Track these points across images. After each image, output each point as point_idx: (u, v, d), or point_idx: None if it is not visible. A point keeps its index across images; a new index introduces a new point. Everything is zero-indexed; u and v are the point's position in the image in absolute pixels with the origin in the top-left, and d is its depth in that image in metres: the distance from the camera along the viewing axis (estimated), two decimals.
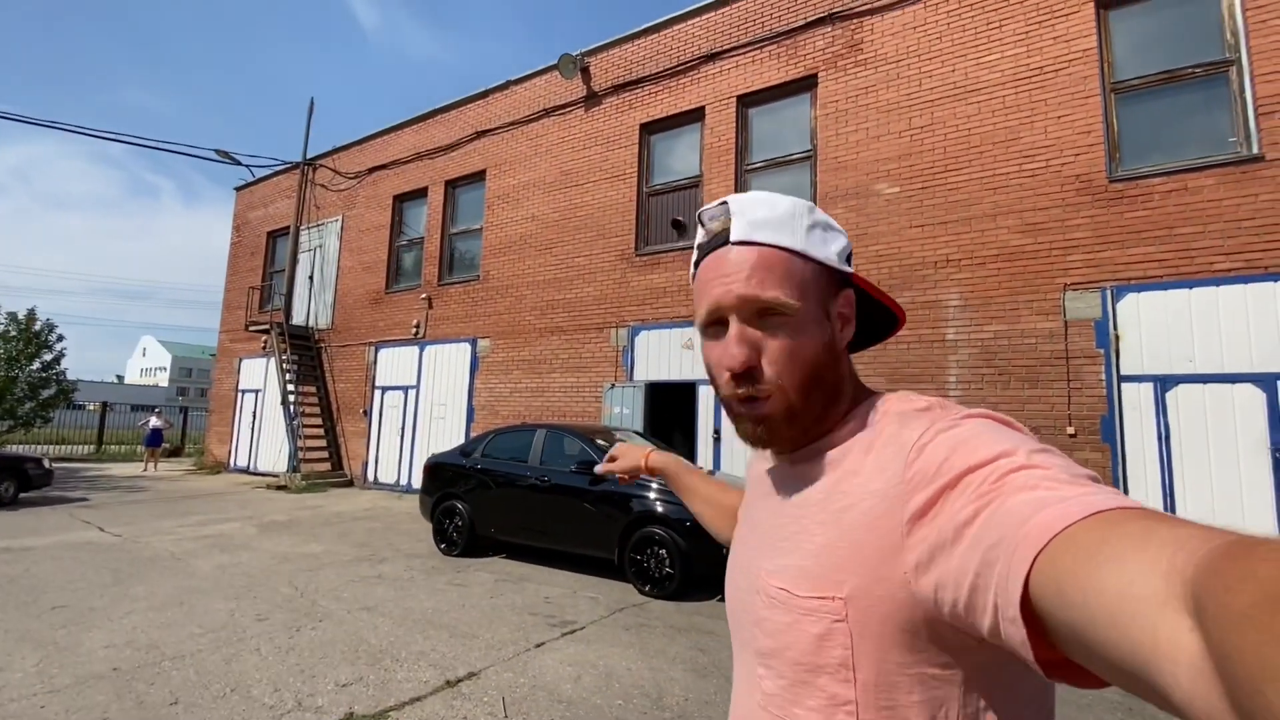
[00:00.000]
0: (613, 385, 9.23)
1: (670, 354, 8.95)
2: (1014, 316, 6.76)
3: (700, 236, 0.70)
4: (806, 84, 8.44)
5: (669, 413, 10.16)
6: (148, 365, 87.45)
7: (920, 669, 0.54)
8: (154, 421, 16.33)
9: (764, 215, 0.65)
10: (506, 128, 11.47)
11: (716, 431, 8.30)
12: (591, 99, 10.37)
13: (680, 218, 9.26)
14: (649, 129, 9.81)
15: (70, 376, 17.69)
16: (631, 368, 9.27)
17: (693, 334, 8.71)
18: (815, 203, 7.88)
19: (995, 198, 6.98)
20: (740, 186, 8.77)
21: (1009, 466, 0.48)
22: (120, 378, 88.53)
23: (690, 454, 8.44)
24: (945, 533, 0.49)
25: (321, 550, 6.72)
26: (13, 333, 16.02)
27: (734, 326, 0.63)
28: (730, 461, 8.15)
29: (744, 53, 8.90)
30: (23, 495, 9.62)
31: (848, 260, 0.68)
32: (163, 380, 79.63)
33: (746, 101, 8.93)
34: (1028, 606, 0.40)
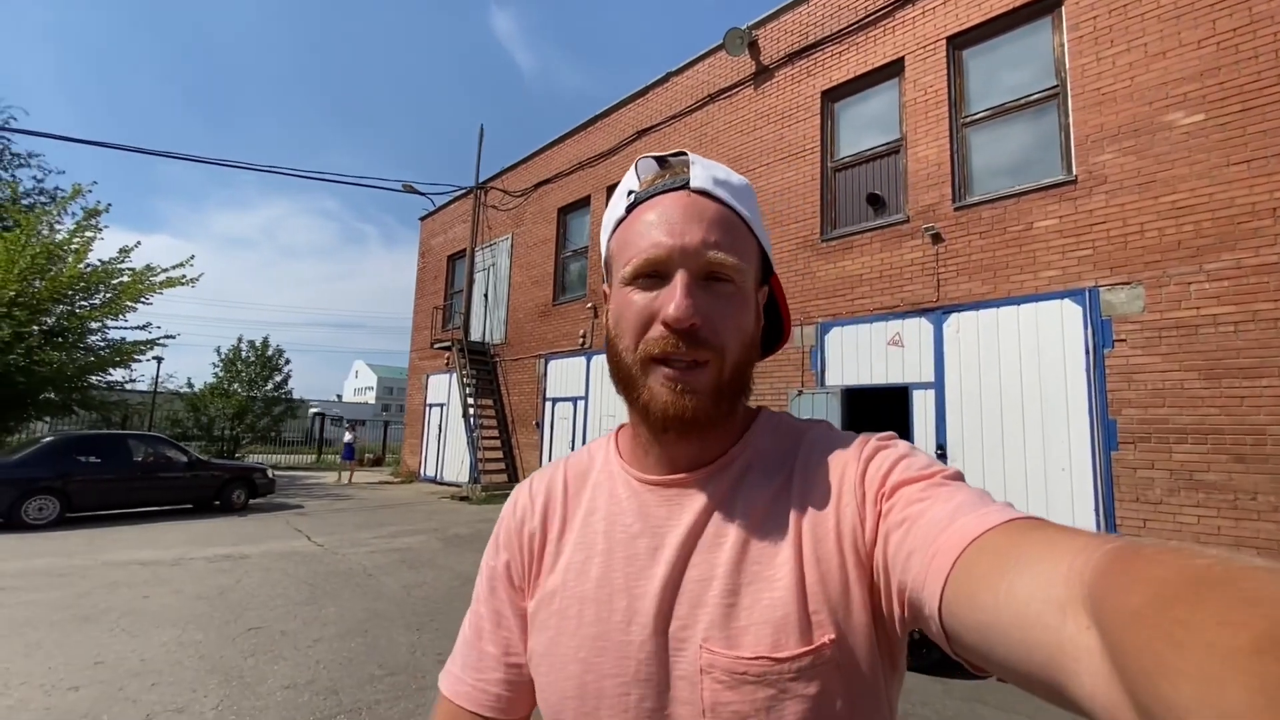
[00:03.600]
0: (800, 392, 8.01)
1: (872, 352, 7.53)
2: None
3: (633, 183, 0.60)
4: (1044, 5, 6.66)
5: (871, 423, 8.68)
6: (359, 385, 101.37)
7: (886, 686, 0.52)
8: (347, 436, 17.96)
9: (723, 176, 0.59)
10: (667, 122, 10.83)
11: (940, 447, 6.74)
12: (762, 74, 9.33)
13: (878, 191, 7.84)
14: (832, 96, 8.53)
15: (296, 396, 20.30)
16: (822, 371, 7.99)
17: (901, 325, 7.25)
18: (1074, 148, 6.12)
19: None
20: (957, 144, 7.17)
21: (934, 483, 0.49)
22: (339, 397, 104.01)
23: None
24: (882, 541, 0.49)
25: None
26: (251, 359, 18.71)
27: (683, 277, 0.54)
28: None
29: None
30: (252, 501, 10.72)
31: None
32: (370, 398, 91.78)
33: (958, 43, 7.31)
34: (941, 607, 0.40)
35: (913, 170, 7.45)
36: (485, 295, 15.22)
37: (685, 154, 0.60)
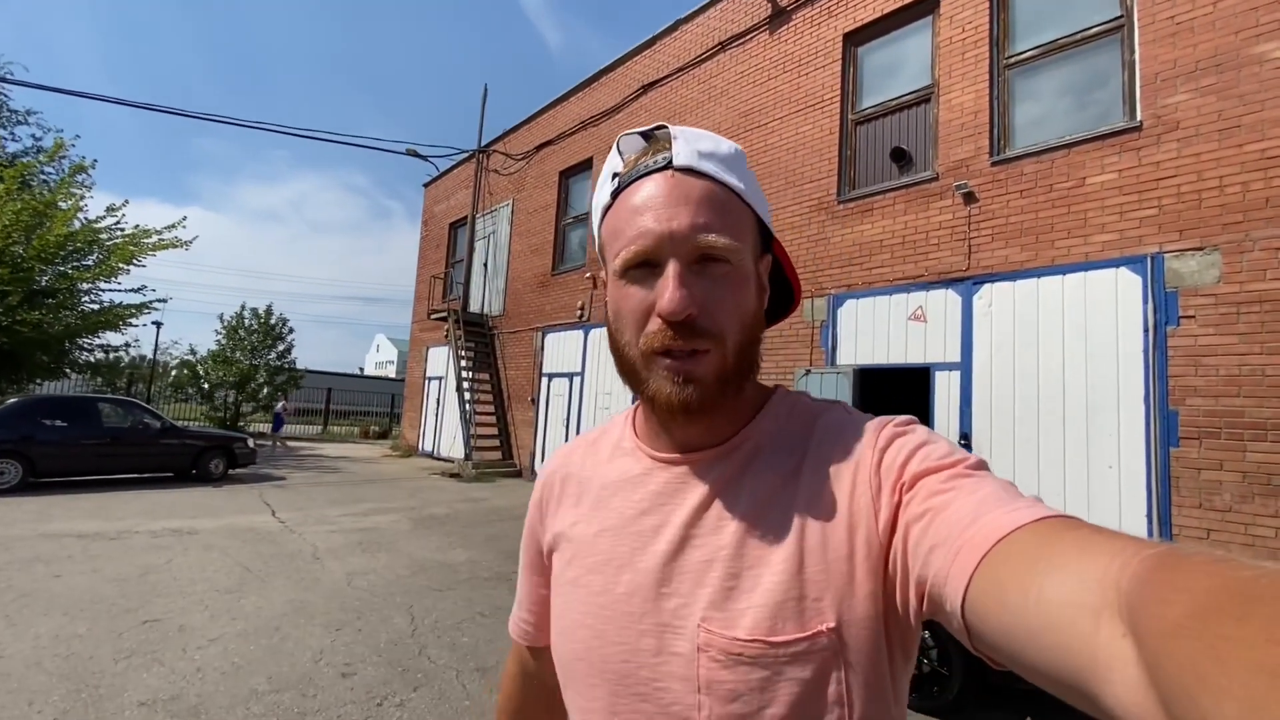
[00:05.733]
0: (808, 371, 7.20)
1: (890, 329, 6.68)
2: None
3: (616, 164, 0.58)
4: None
5: (886, 408, 7.82)
6: (380, 359, 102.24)
7: (893, 678, 0.51)
8: (277, 406, 17.57)
9: (709, 147, 0.55)
10: (675, 75, 9.92)
11: (964, 436, 5.90)
12: (778, 17, 8.36)
13: (904, 146, 6.91)
14: (855, 39, 7.56)
15: (314, 369, 20.07)
16: (834, 348, 7.15)
17: (925, 298, 6.38)
18: (1139, 88, 5.17)
19: None
20: (998, 90, 6.20)
21: (957, 473, 0.47)
22: (361, 370, 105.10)
23: None
24: (899, 534, 0.48)
25: (463, 560, 5.71)
26: (255, 326, 18.33)
27: (674, 266, 0.52)
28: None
29: None
30: (232, 471, 10.28)
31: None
32: (391, 372, 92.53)
33: None
34: (965, 605, 0.39)
35: (944, 121, 6.51)
36: (485, 264, 14.54)
37: (666, 127, 0.57)
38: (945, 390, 6.13)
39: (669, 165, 0.54)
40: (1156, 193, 5.08)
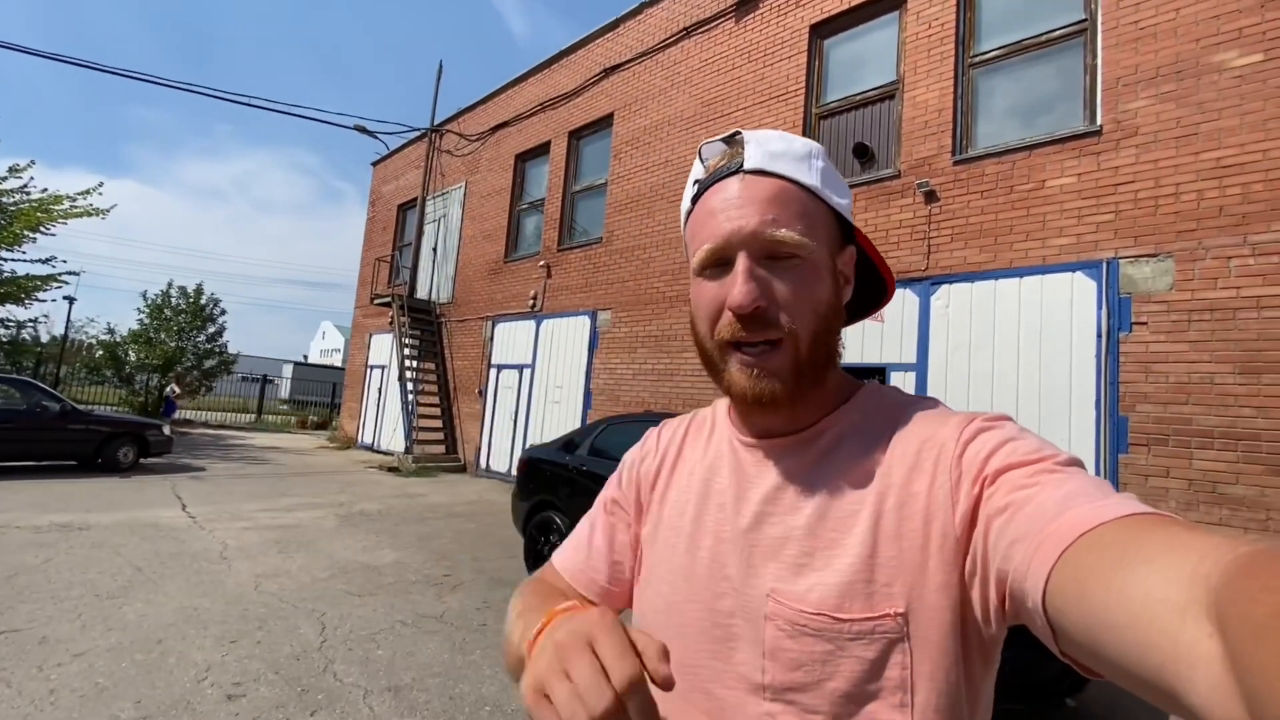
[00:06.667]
0: None
1: (849, 328, 6.53)
2: None
3: (698, 171, 0.62)
4: None
5: None
6: (326, 347, 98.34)
7: (968, 679, 0.51)
8: (169, 390, 16.22)
9: (781, 148, 0.58)
10: (638, 59, 9.59)
11: None
12: (744, 5, 8.14)
13: (866, 142, 6.78)
14: (822, 31, 7.41)
15: (258, 354, 18.85)
16: None
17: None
18: (1100, 92, 5.12)
19: None
20: (962, 88, 6.13)
21: (1044, 468, 0.46)
22: (305, 358, 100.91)
23: None
24: (979, 528, 0.48)
25: (389, 562, 5.26)
26: (183, 306, 17.10)
27: (743, 262, 0.55)
28: None
29: None
30: (145, 460, 9.43)
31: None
32: (337, 360, 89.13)
33: None
34: (1046, 599, 0.39)
35: (908, 117, 6.40)
36: (434, 249, 13.90)
37: (740, 133, 0.60)
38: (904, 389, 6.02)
39: (740, 169, 0.57)
40: (1114, 198, 5.06)
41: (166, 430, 9.62)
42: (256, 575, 4.63)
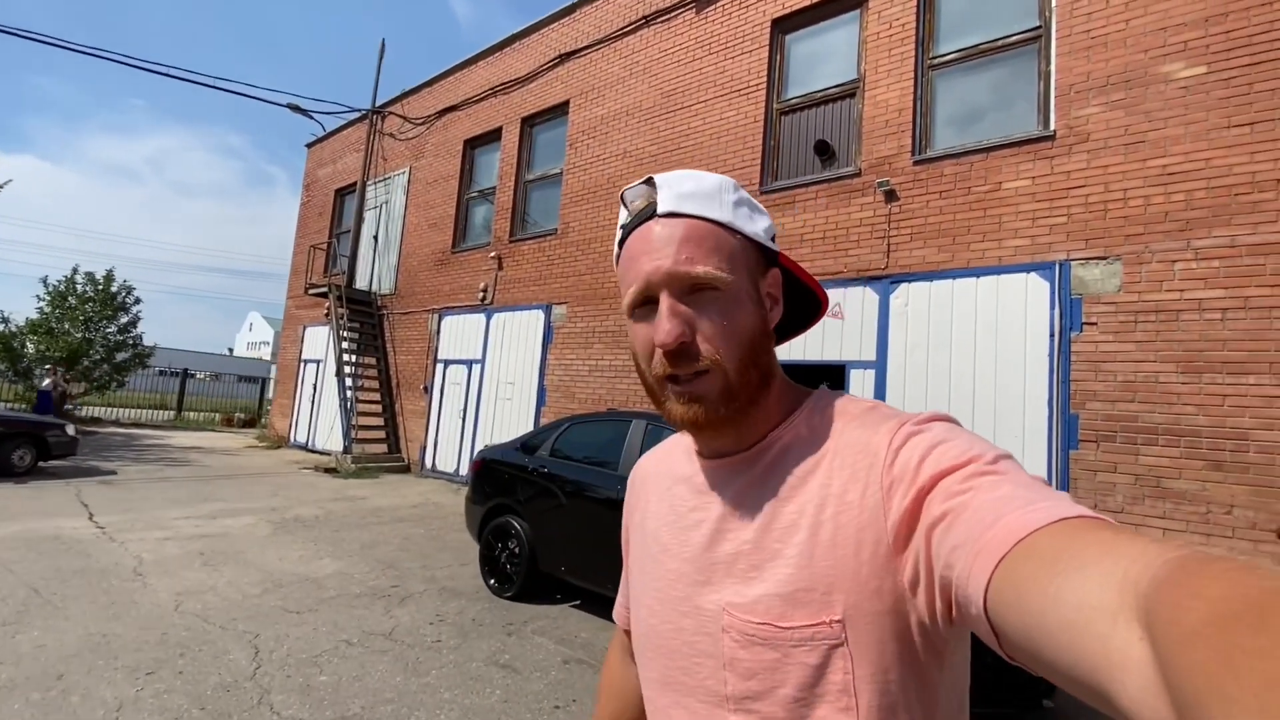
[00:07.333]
0: None
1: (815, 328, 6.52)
2: None
3: (623, 217, 0.65)
4: None
5: None
6: (253, 339, 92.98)
7: (916, 679, 0.52)
8: (45, 383, 13.55)
9: (690, 188, 0.61)
10: (595, 46, 9.33)
11: None
12: None
13: (827, 139, 6.78)
14: (783, 25, 7.36)
15: (175, 346, 17.39)
16: None
17: (843, 295, 6.26)
18: (1054, 98, 5.24)
19: None
20: (922, 87, 6.19)
21: (975, 470, 0.47)
22: (231, 350, 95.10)
23: None
24: (920, 537, 0.48)
25: (330, 573, 4.87)
26: (89, 294, 15.65)
27: (665, 301, 0.58)
28: None
29: None
30: (45, 464, 8.51)
31: (772, 241, 0.64)
32: (265, 353, 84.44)
33: None
34: (988, 606, 0.39)
35: (869, 116, 6.42)
36: (375, 237, 13.21)
37: (652, 179, 0.62)
38: (860, 389, 6.05)
39: (654, 213, 0.60)
40: (1066, 201, 5.20)
41: (70, 430, 8.70)
42: (177, 593, 4.17)
